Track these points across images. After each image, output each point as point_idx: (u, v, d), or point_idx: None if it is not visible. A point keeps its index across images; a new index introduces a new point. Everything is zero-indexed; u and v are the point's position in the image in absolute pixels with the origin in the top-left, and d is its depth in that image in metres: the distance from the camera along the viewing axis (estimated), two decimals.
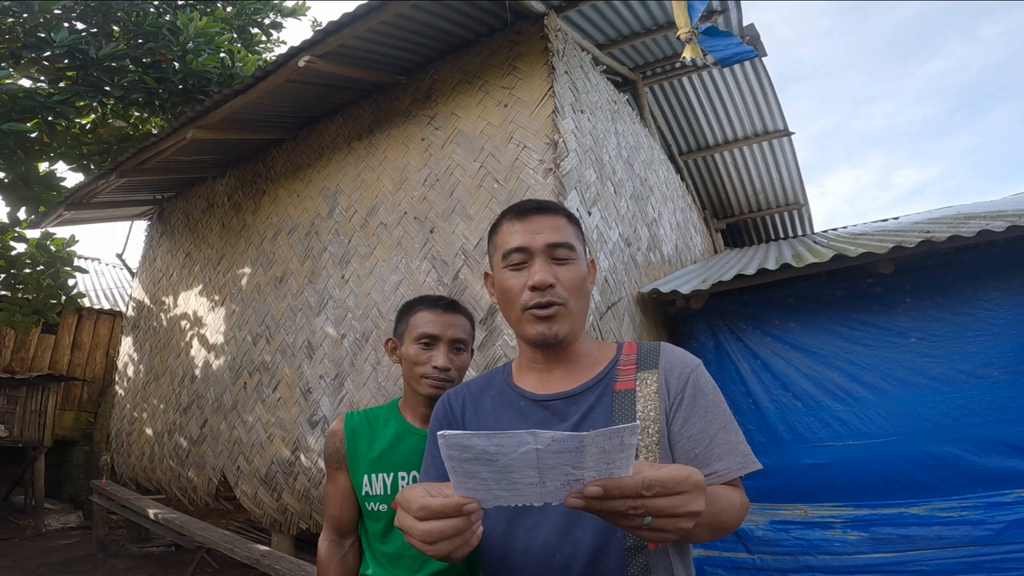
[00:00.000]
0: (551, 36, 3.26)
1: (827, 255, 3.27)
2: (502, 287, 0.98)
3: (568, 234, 0.97)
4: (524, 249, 0.95)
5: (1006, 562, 2.71)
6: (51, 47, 5.01)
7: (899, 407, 3.07)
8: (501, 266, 0.98)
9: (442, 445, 0.60)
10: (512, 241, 0.96)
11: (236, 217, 5.07)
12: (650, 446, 0.85)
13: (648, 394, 0.90)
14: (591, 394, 0.93)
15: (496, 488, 0.63)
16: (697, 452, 0.87)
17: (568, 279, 0.94)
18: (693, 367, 0.94)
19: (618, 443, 0.59)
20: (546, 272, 0.93)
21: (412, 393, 1.37)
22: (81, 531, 6.65)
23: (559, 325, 0.93)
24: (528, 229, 0.96)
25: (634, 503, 0.61)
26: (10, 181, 5.35)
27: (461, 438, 0.59)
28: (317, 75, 3.66)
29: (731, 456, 0.87)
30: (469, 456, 0.61)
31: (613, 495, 0.61)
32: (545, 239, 0.95)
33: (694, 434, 0.88)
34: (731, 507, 0.83)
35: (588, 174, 3.24)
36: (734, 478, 0.87)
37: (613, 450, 0.59)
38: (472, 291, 3.13)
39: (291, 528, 3.83)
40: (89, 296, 8.96)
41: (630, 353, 0.98)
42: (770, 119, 5.81)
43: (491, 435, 0.59)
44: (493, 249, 1.03)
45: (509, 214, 1.01)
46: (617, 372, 0.95)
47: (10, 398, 6.89)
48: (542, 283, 0.92)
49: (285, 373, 4.07)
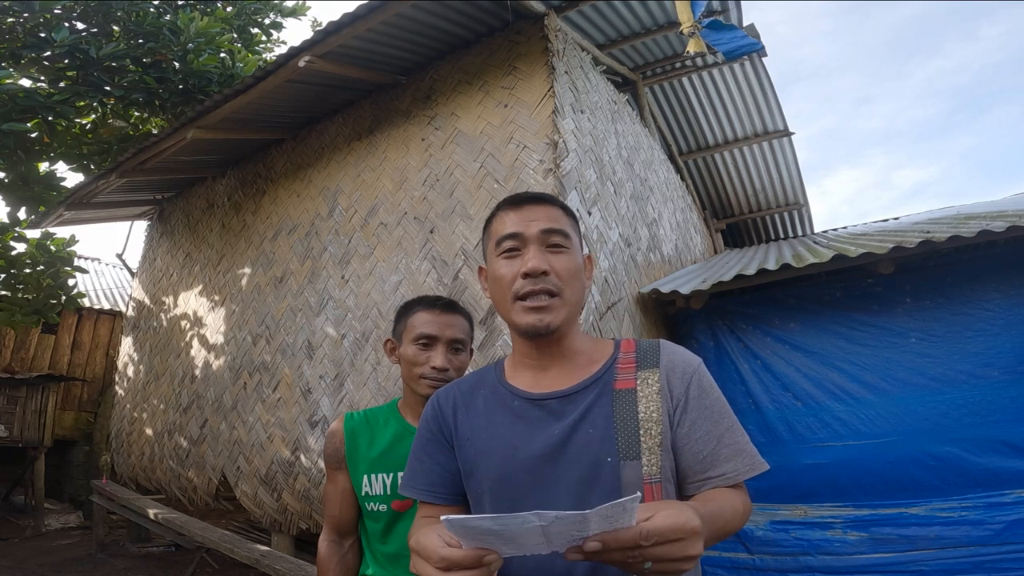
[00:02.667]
0: (551, 36, 3.26)
1: (827, 255, 3.27)
2: (495, 275, 0.95)
3: (563, 223, 0.95)
4: (518, 235, 0.92)
5: (1006, 562, 2.71)
6: (51, 47, 5.01)
7: (899, 407, 3.06)
8: (495, 255, 0.95)
9: (447, 527, 0.61)
10: (506, 228, 0.94)
11: (236, 217, 5.07)
12: (652, 448, 0.84)
13: (650, 394, 0.88)
14: (589, 393, 0.90)
15: (505, 548, 0.65)
16: (705, 454, 0.86)
17: (563, 267, 0.91)
18: (695, 367, 0.92)
19: (620, 510, 0.60)
20: (540, 259, 0.90)
21: (411, 393, 1.37)
22: (81, 531, 6.65)
23: (552, 315, 0.90)
24: (523, 217, 0.94)
25: (633, 553, 0.62)
26: (10, 181, 5.35)
27: (466, 522, 0.61)
28: (317, 75, 3.66)
29: (739, 458, 0.86)
30: (474, 535, 0.62)
31: (611, 547, 0.62)
32: (540, 225, 0.92)
33: (700, 436, 0.87)
34: (733, 516, 0.82)
35: (588, 174, 3.24)
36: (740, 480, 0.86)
37: (616, 516, 0.61)
38: (472, 291, 3.13)
39: (291, 528, 3.83)
40: (89, 296, 8.95)
41: (628, 351, 0.95)
42: (770, 119, 5.81)
43: (495, 518, 0.60)
44: (487, 239, 1.00)
45: (504, 204, 0.99)
46: (616, 370, 0.92)
47: (10, 398, 6.89)
48: (535, 269, 0.89)
49: (285, 373, 4.07)
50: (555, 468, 0.86)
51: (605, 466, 0.84)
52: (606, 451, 0.84)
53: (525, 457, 0.88)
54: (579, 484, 0.84)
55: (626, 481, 0.82)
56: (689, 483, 0.87)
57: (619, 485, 0.82)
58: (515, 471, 0.88)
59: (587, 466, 0.84)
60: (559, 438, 0.87)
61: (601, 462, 0.84)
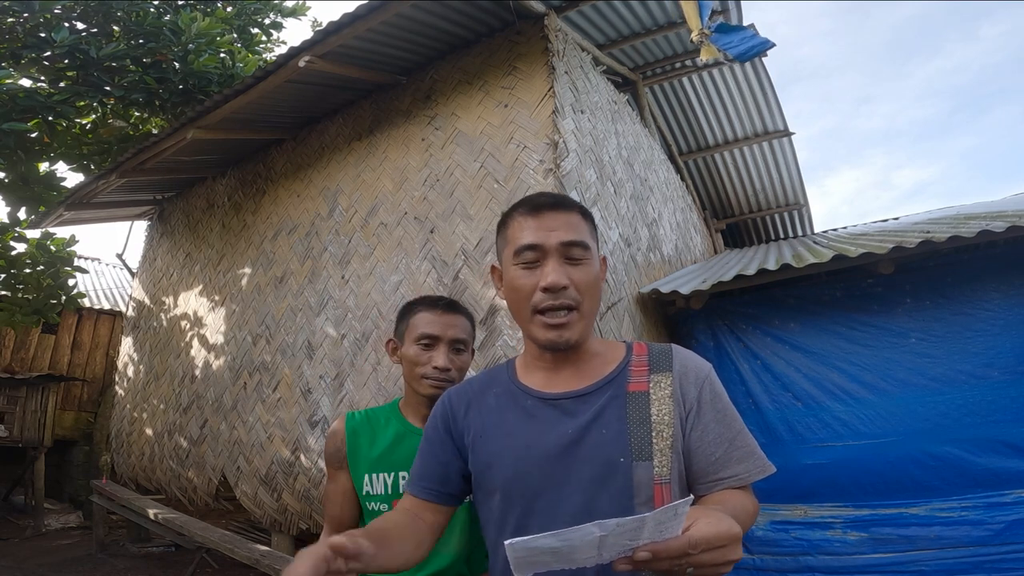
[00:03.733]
0: (551, 36, 3.26)
1: (827, 255, 3.27)
2: (512, 285, 0.94)
3: (583, 232, 0.94)
4: (537, 247, 0.91)
5: (1006, 562, 2.71)
6: (51, 47, 5.01)
7: (899, 407, 3.06)
8: (512, 263, 0.94)
9: (510, 552, 0.62)
10: (524, 238, 0.92)
11: (236, 217, 5.07)
12: (664, 450, 0.85)
13: (662, 397, 0.89)
14: (602, 394, 0.91)
15: (555, 564, 0.66)
16: (716, 456, 0.88)
17: (582, 280, 0.91)
18: (707, 372, 0.94)
19: (672, 514, 0.62)
20: (560, 273, 0.89)
21: (413, 393, 1.37)
22: (81, 531, 6.64)
23: (571, 331, 0.90)
24: (542, 226, 0.92)
25: (680, 560, 0.64)
26: (10, 181, 5.35)
27: (528, 543, 0.61)
28: (317, 75, 3.66)
29: (749, 460, 0.89)
30: (533, 556, 0.63)
31: (661, 557, 0.64)
32: (559, 237, 0.91)
33: (713, 439, 0.88)
34: (747, 518, 0.84)
35: (588, 174, 3.24)
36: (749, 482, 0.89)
37: (667, 520, 0.62)
38: (472, 291, 3.13)
39: (291, 528, 3.83)
40: (89, 296, 8.94)
41: (641, 354, 0.96)
42: (770, 119, 5.81)
43: (557, 534, 0.61)
44: (503, 243, 0.99)
45: (522, 208, 0.96)
46: (629, 373, 0.93)
47: (10, 398, 6.88)
48: (555, 285, 0.88)
49: (285, 373, 4.07)
50: (567, 467, 0.87)
51: (617, 466, 0.85)
52: (619, 451, 0.86)
53: (538, 455, 0.89)
54: (591, 483, 0.85)
55: (638, 481, 0.84)
56: (700, 484, 0.89)
57: (631, 484, 0.84)
58: (528, 469, 0.89)
59: (599, 465, 0.86)
60: (572, 437, 0.88)
61: (613, 462, 0.85)
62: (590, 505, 0.84)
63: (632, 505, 0.83)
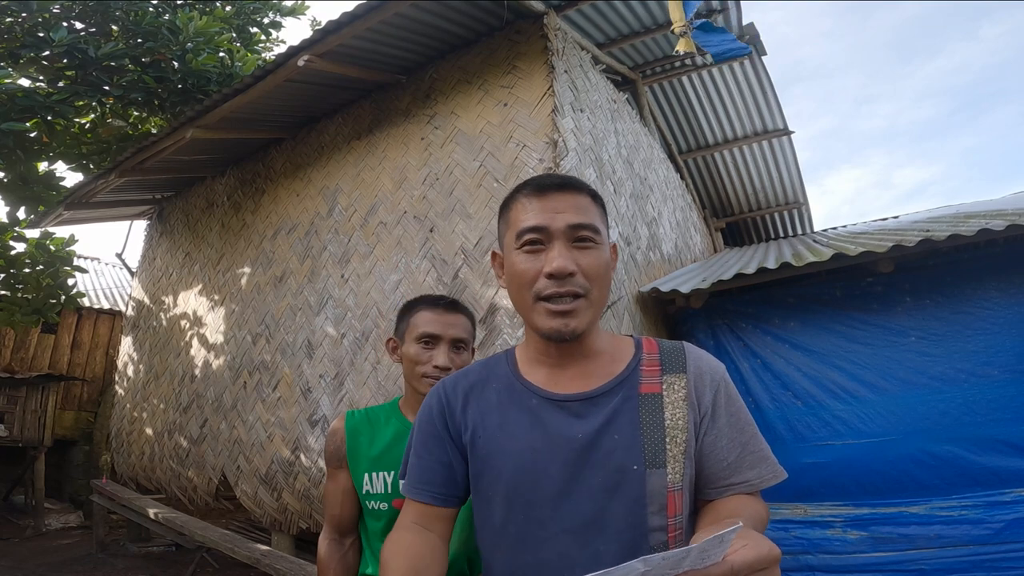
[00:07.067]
0: (551, 35, 3.26)
1: (827, 254, 3.27)
2: (514, 271, 0.86)
3: (593, 215, 0.86)
4: (542, 229, 0.84)
5: (1006, 561, 2.71)
6: (50, 46, 4.99)
7: (899, 406, 3.06)
8: (514, 247, 0.87)
9: None
10: (528, 219, 0.85)
11: (236, 217, 5.07)
12: (677, 456, 0.81)
13: (676, 400, 0.84)
14: (613, 396, 0.85)
15: None
16: (729, 461, 0.85)
17: (591, 266, 0.83)
18: (722, 374, 0.90)
19: (718, 543, 0.59)
20: (566, 258, 0.82)
21: (413, 392, 1.37)
22: (81, 531, 6.64)
23: (577, 320, 0.83)
24: (547, 207, 0.84)
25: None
26: (10, 181, 5.34)
27: None
28: (317, 75, 3.65)
29: (763, 464, 0.86)
30: None
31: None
32: (567, 219, 0.83)
33: (726, 444, 0.85)
34: (763, 528, 0.80)
35: (588, 173, 3.23)
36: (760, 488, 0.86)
37: (712, 548, 0.60)
38: (472, 290, 3.13)
39: (291, 528, 3.83)
40: (89, 296, 8.94)
41: (652, 352, 0.90)
42: (770, 118, 5.81)
43: (603, 574, 0.58)
44: (505, 227, 0.92)
45: (526, 188, 0.89)
46: (641, 373, 0.87)
47: (10, 398, 6.87)
48: (561, 270, 0.81)
49: (285, 373, 4.07)
50: (577, 474, 0.82)
51: (630, 473, 0.80)
52: (632, 458, 0.81)
53: (545, 461, 0.83)
54: (602, 491, 0.80)
55: (651, 489, 0.80)
56: (710, 489, 0.85)
57: (644, 493, 0.80)
58: (534, 475, 0.83)
59: (611, 473, 0.81)
60: (583, 443, 0.82)
61: (626, 469, 0.80)
62: (600, 514, 0.80)
63: (645, 514, 0.79)
